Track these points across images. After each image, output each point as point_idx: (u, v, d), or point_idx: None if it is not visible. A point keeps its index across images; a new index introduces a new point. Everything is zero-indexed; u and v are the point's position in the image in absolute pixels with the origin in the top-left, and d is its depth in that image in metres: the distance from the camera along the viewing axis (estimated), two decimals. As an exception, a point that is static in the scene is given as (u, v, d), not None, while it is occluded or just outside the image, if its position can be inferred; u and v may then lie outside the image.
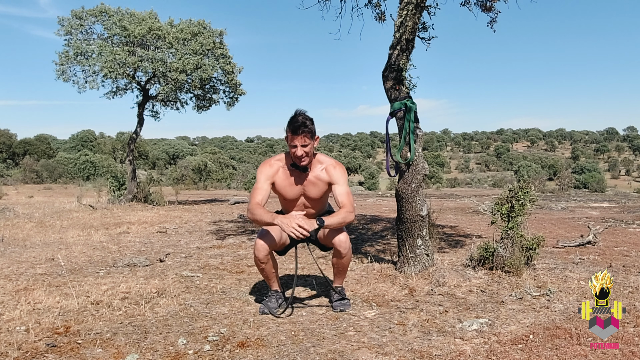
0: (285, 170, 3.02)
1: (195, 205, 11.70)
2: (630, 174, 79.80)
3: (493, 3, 4.25)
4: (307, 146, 2.89)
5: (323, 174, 3.01)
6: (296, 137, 2.86)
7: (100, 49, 10.07)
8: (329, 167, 3.01)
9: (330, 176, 2.99)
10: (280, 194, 3.07)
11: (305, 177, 3.01)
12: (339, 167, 3.04)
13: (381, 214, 9.50)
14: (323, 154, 3.12)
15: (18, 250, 5.27)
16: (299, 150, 2.87)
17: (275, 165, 3.03)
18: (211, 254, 5.13)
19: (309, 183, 3.01)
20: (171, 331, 2.70)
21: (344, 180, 3.00)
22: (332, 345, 2.50)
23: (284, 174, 3.01)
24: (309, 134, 2.88)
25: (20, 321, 2.83)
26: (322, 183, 3.01)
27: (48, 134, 57.79)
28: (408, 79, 3.97)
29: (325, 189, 3.04)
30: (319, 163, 3.03)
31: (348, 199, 2.92)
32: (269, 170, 3.01)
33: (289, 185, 3.01)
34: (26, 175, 31.68)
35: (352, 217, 2.89)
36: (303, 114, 2.90)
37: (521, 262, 3.77)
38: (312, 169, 3.02)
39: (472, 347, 2.45)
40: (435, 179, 42.78)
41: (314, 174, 3.01)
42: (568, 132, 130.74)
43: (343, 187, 2.97)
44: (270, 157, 3.15)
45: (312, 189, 3.02)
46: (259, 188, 2.95)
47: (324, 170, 3.01)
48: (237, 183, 29.49)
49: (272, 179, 3.00)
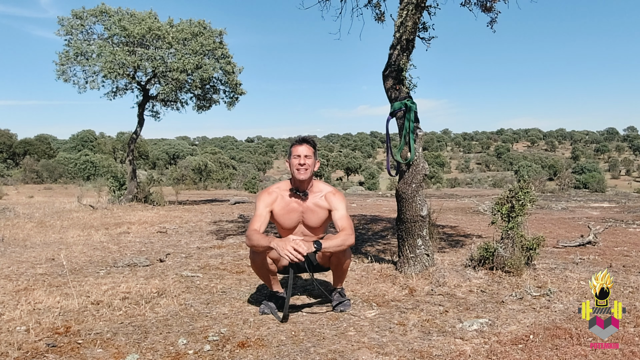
0: (284, 196, 3.02)
1: (195, 205, 11.71)
2: (630, 174, 79.77)
3: (493, 3, 4.26)
4: (310, 158, 2.92)
5: (322, 201, 3.02)
6: (299, 146, 2.90)
7: (101, 49, 10.07)
8: (328, 194, 3.03)
9: (330, 203, 3.01)
10: (278, 222, 3.06)
11: (305, 204, 3.02)
12: (338, 194, 3.07)
13: (381, 214, 9.50)
14: (322, 182, 3.14)
15: (18, 250, 5.27)
16: (302, 159, 2.90)
17: (274, 193, 3.03)
18: (211, 254, 5.13)
19: (308, 210, 3.02)
20: (171, 331, 2.70)
21: (343, 206, 3.01)
22: (333, 345, 2.50)
23: (283, 201, 3.02)
24: (313, 147, 2.93)
25: (21, 321, 2.84)
26: (322, 210, 3.02)
27: (48, 134, 57.93)
28: (408, 79, 3.97)
29: (324, 217, 3.04)
30: (318, 191, 3.05)
31: (348, 223, 2.94)
32: (267, 197, 3.01)
33: (288, 212, 3.02)
34: (26, 175, 31.70)
35: (352, 240, 2.89)
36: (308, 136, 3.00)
37: (521, 262, 3.77)
38: (311, 196, 3.03)
39: (472, 347, 2.45)
40: (436, 179, 42.79)
41: (313, 201, 3.02)
42: (568, 132, 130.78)
43: (342, 212, 2.99)
44: (270, 186, 3.18)
45: (311, 216, 3.02)
46: (257, 215, 2.95)
47: (323, 198, 3.03)
48: (237, 183, 29.50)
49: (271, 206, 3.00)
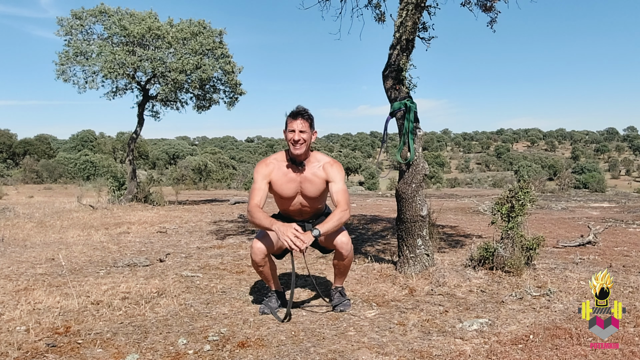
0: (281, 167, 2.99)
1: (195, 205, 11.70)
2: (630, 174, 79.80)
3: (493, 3, 4.25)
4: (305, 133, 2.87)
5: (320, 172, 2.98)
6: (295, 121, 2.86)
7: (100, 49, 10.07)
8: (326, 165, 2.99)
9: (327, 174, 2.97)
10: (276, 192, 3.03)
11: (302, 174, 2.98)
12: (336, 165, 3.02)
13: (381, 214, 9.49)
14: (320, 152, 3.11)
15: (18, 250, 5.27)
16: (297, 134, 2.86)
17: (272, 164, 3.01)
18: (211, 254, 5.13)
19: (306, 180, 2.98)
20: (171, 331, 2.70)
21: (341, 178, 2.98)
22: (332, 345, 2.50)
23: (280, 172, 2.99)
24: (308, 120, 2.88)
25: (21, 321, 2.84)
26: (319, 180, 2.98)
27: (48, 134, 57.98)
28: (408, 79, 3.97)
29: (322, 188, 3.01)
30: (316, 161, 3.01)
31: (343, 197, 2.91)
32: (265, 169, 2.99)
33: (286, 182, 2.98)
34: (26, 175, 31.69)
35: (347, 215, 2.87)
36: (304, 108, 2.94)
37: (521, 262, 3.77)
38: (309, 166, 2.99)
39: (472, 347, 2.45)
40: (435, 179, 42.77)
41: (310, 171, 2.98)
42: (568, 132, 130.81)
43: (339, 185, 2.95)
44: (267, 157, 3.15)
45: (308, 186, 2.99)
46: (256, 189, 2.94)
47: (321, 168, 2.99)
48: (237, 183, 29.48)
49: (269, 177, 2.98)
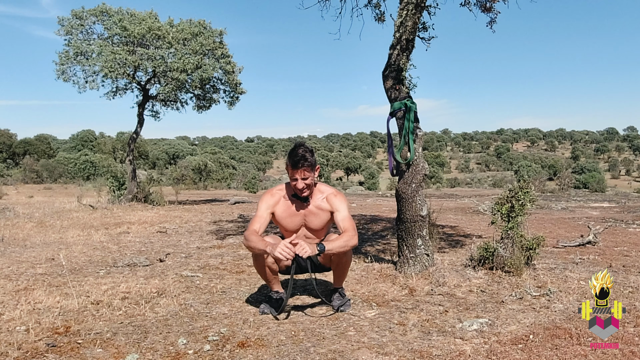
0: (286, 200, 3.03)
1: (195, 205, 11.70)
2: (630, 174, 79.76)
3: (493, 3, 4.26)
4: (308, 179, 2.91)
5: (324, 204, 3.03)
6: (296, 170, 2.88)
7: (101, 49, 10.07)
8: (330, 196, 3.04)
9: (332, 205, 3.02)
10: (280, 224, 3.08)
11: (306, 207, 3.03)
12: (340, 195, 3.07)
13: (381, 214, 9.50)
14: (323, 184, 3.15)
15: (18, 250, 5.27)
16: (300, 183, 2.90)
17: (277, 195, 3.04)
18: (211, 253, 5.13)
19: (310, 213, 3.03)
20: (171, 331, 2.70)
21: (345, 207, 3.02)
22: (332, 345, 2.50)
23: (285, 204, 3.03)
24: (309, 166, 2.90)
25: (21, 321, 2.83)
26: (324, 213, 3.03)
27: (48, 134, 58.00)
28: (408, 79, 3.97)
29: (326, 219, 3.05)
30: (320, 193, 3.05)
31: (350, 224, 2.94)
32: (270, 200, 3.02)
33: (290, 215, 3.03)
34: (26, 175, 31.70)
35: (355, 241, 2.90)
36: (303, 145, 2.94)
37: (521, 262, 3.77)
38: (313, 199, 3.04)
39: (472, 347, 2.45)
40: (435, 179, 42.80)
41: (315, 204, 3.03)
42: (568, 132, 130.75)
43: (344, 213, 2.99)
44: (273, 187, 3.18)
45: (313, 219, 3.04)
46: (258, 216, 2.96)
47: (325, 200, 3.03)
48: (237, 183, 29.50)
49: (273, 208, 3.01)
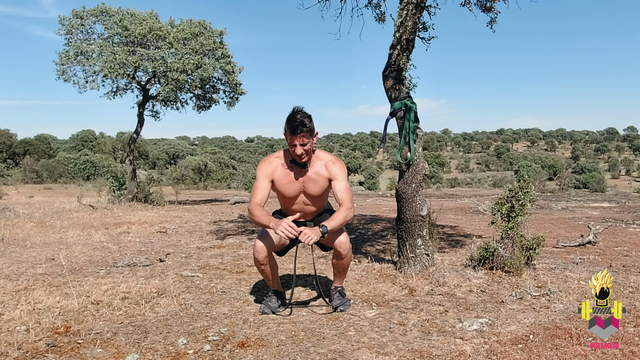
0: (284, 167, 3.00)
1: (195, 205, 11.70)
2: (630, 174, 79.74)
3: (493, 3, 4.26)
4: (306, 144, 2.88)
5: (323, 170, 3.00)
6: (295, 136, 2.85)
7: (101, 49, 10.07)
8: (329, 163, 3.01)
9: (330, 172, 2.99)
10: (279, 191, 3.05)
11: (305, 173, 3.00)
12: (339, 162, 3.04)
13: (381, 214, 9.49)
14: (322, 150, 3.11)
15: (18, 250, 5.27)
16: (298, 149, 2.87)
17: (275, 163, 3.01)
18: (211, 253, 5.13)
19: (309, 180, 3.00)
20: (171, 331, 2.70)
21: (344, 176, 3.00)
22: (332, 345, 2.50)
23: (284, 171, 3.00)
24: (308, 132, 2.87)
25: (21, 321, 2.84)
26: (322, 179, 3.00)
27: (48, 134, 57.93)
28: (408, 79, 3.97)
29: (325, 186, 3.03)
30: (319, 159, 3.02)
31: (347, 195, 2.93)
32: (268, 167, 3.00)
33: (289, 182, 3.00)
34: (26, 175, 31.70)
35: (352, 214, 2.91)
36: (301, 111, 2.89)
37: (521, 262, 3.77)
38: (312, 165, 3.00)
39: (472, 347, 2.45)
40: (436, 179, 42.81)
41: (313, 170, 3.00)
42: (568, 132, 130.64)
43: (342, 183, 2.97)
44: (270, 154, 3.15)
45: (311, 185, 3.01)
46: (258, 187, 2.95)
47: (324, 167, 3.00)
48: (237, 183, 29.47)
49: (272, 176, 2.99)
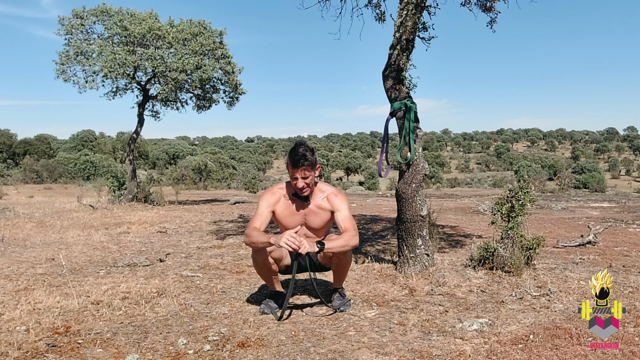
0: (286, 199, 3.03)
1: (195, 205, 11.70)
2: (630, 174, 79.75)
3: (493, 3, 4.26)
4: (308, 178, 2.91)
5: (325, 203, 3.03)
6: (297, 170, 2.87)
7: (101, 49, 10.07)
8: (331, 195, 3.03)
9: (332, 204, 3.01)
10: (281, 223, 3.08)
11: (307, 206, 3.03)
12: (340, 195, 3.07)
13: (381, 214, 9.50)
14: (324, 183, 3.14)
15: (18, 250, 5.27)
16: (300, 182, 2.90)
17: (277, 194, 3.04)
18: (211, 254, 5.13)
19: (311, 212, 3.03)
20: (171, 331, 2.70)
21: (346, 206, 3.02)
22: (332, 345, 2.50)
23: (286, 203, 3.03)
24: (309, 165, 2.89)
25: (21, 321, 2.84)
26: (324, 212, 3.03)
27: (48, 134, 57.99)
28: (408, 79, 3.97)
29: (327, 218, 3.05)
30: (320, 192, 3.05)
31: (351, 224, 2.94)
32: (271, 198, 3.02)
33: (290, 214, 3.03)
34: (26, 175, 31.70)
35: (355, 241, 2.89)
36: (303, 144, 2.93)
37: (521, 262, 3.77)
38: (314, 198, 3.03)
39: (472, 347, 2.45)
40: (436, 179, 42.82)
41: (315, 203, 3.03)
42: (568, 132, 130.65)
43: (345, 213, 2.99)
44: (274, 185, 3.18)
45: (313, 218, 3.04)
46: (259, 214, 2.96)
47: (326, 199, 3.03)
48: (237, 183, 29.49)
49: (274, 207, 3.01)
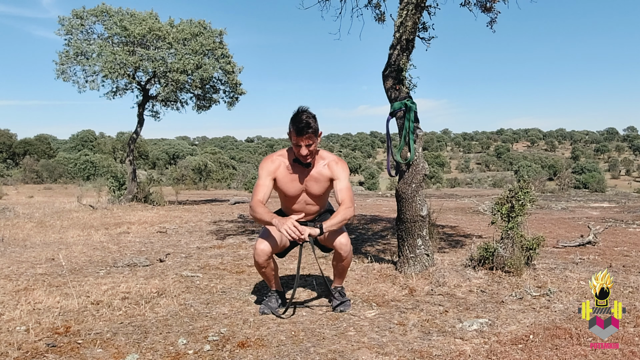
0: (287, 166, 2.99)
1: (195, 205, 11.70)
2: (630, 174, 79.76)
3: (493, 3, 4.25)
4: (312, 145, 2.87)
5: (325, 170, 2.99)
6: (301, 137, 2.83)
7: (101, 49, 10.07)
8: (332, 162, 3.00)
9: (332, 172, 2.98)
10: (281, 190, 3.04)
11: (308, 173, 2.99)
12: (341, 162, 3.03)
13: (381, 214, 9.50)
14: (325, 150, 3.11)
15: (18, 250, 5.27)
16: (304, 149, 2.86)
17: (277, 161, 3.00)
18: (211, 254, 5.13)
19: (311, 179, 2.99)
20: (171, 331, 2.70)
21: (345, 175, 2.99)
22: (332, 345, 2.50)
23: (286, 170, 2.99)
24: (313, 133, 2.85)
25: (21, 321, 2.83)
26: (324, 179, 2.99)
27: (48, 134, 57.95)
28: (408, 79, 3.97)
29: (327, 185, 3.02)
30: (322, 159, 3.02)
31: (348, 195, 2.91)
32: (270, 165, 2.99)
33: (291, 181, 2.99)
34: (26, 175, 31.70)
35: (351, 212, 2.88)
36: (306, 111, 2.87)
37: (521, 262, 3.77)
38: (315, 165, 3.00)
39: (472, 347, 2.45)
40: (436, 179, 42.84)
41: (316, 170, 2.99)
42: (568, 132, 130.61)
43: (344, 182, 2.96)
44: (272, 153, 3.14)
45: (314, 185, 3.00)
46: (261, 185, 2.93)
47: (326, 166, 3.00)
48: (237, 183, 29.49)
49: (274, 174, 2.98)
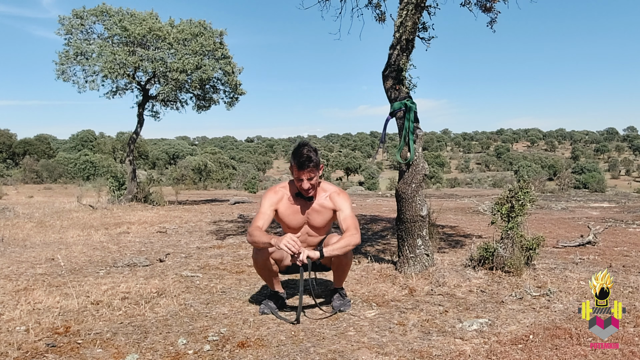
0: (289, 198, 3.03)
1: (195, 205, 11.70)
2: (630, 174, 79.77)
3: (493, 3, 4.26)
4: (313, 179, 2.91)
5: (327, 202, 3.03)
6: (302, 171, 2.87)
7: (101, 49, 10.07)
8: (333, 194, 3.04)
9: (335, 203, 3.02)
10: (283, 222, 3.08)
11: (310, 205, 3.03)
12: (343, 194, 3.07)
13: (381, 214, 9.50)
14: (326, 182, 3.15)
15: (18, 250, 5.27)
16: (305, 183, 2.90)
17: (280, 193, 3.04)
18: (211, 254, 5.13)
19: (313, 211, 3.03)
20: (171, 331, 2.70)
21: (348, 205, 3.02)
22: (332, 345, 2.50)
23: (288, 202, 3.03)
24: (315, 167, 2.89)
25: (20, 321, 2.84)
26: (327, 211, 3.03)
27: (48, 134, 57.97)
28: (408, 79, 3.97)
29: (329, 217, 3.06)
30: (323, 191, 3.05)
31: (352, 222, 2.94)
32: (273, 197, 3.02)
33: (293, 213, 3.03)
34: (26, 175, 31.71)
35: (357, 239, 2.88)
36: (307, 145, 2.92)
37: (521, 262, 3.77)
38: (317, 197, 3.04)
39: (472, 347, 2.45)
40: (435, 179, 42.85)
41: (318, 202, 3.03)
42: (568, 132, 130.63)
43: (347, 212, 2.99)
44: (276, 184, 3.18)
45: (316, 217, 3.04)
46: (262, 213, 2.96)
47: (328, 198, 3.03)
48: (237, 183, 29.51)
49: (276, 205, 3.01)
